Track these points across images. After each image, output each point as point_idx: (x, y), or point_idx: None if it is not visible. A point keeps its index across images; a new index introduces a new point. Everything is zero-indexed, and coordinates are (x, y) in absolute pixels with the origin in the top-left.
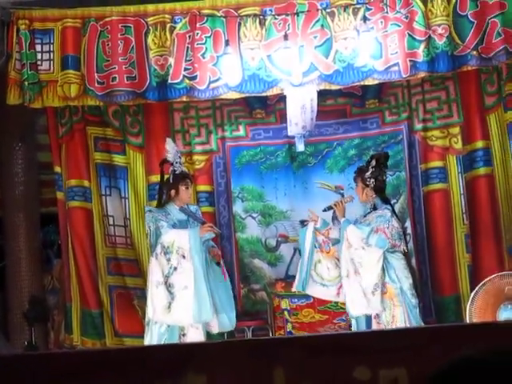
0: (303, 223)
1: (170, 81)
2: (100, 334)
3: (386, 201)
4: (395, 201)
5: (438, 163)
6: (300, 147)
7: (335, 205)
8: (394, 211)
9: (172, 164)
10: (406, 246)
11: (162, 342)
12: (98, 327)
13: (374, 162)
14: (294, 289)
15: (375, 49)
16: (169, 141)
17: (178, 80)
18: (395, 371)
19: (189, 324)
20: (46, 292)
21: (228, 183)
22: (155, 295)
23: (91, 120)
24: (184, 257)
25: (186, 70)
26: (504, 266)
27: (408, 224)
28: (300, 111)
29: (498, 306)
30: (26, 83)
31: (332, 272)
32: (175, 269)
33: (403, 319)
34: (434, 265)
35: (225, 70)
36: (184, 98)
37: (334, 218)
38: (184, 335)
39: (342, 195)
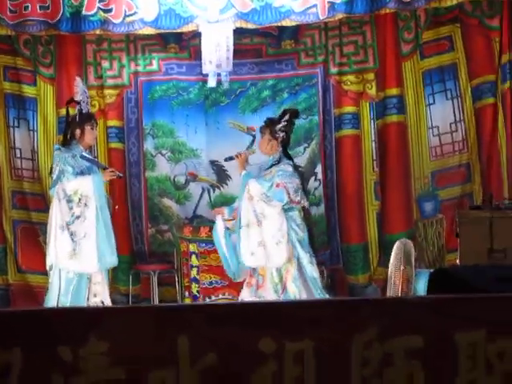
0: (213, 163)
1: (83, 12)
2: (2, 269)
3: (288, 156)
4: (306, 145)
5: (351, 108)
6: (212, 83)
7: (236, 156)
8: (295, 167)
9: (79, 103)
10: (307, 202)
11: (71, 288)
12: (1, 263)
13: (287, 116)
14: (234, 280)
15: None
16: (77, 79)
17: (93, 12)
18: (301, 344)
19: (94, 271)
20: None
21: (139, 119)
22: (58, 240)
23: (1, 48)
24: (86, 205)
25: (100, 1)
26: (412, 216)
27: (319, 169)
28: (215, 49)
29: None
30: None
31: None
32: (77, 217)
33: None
34: (342, 212)
35: (141, 4)
36: (98, 31)
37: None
38: (90, 280)
39: (254, 136)
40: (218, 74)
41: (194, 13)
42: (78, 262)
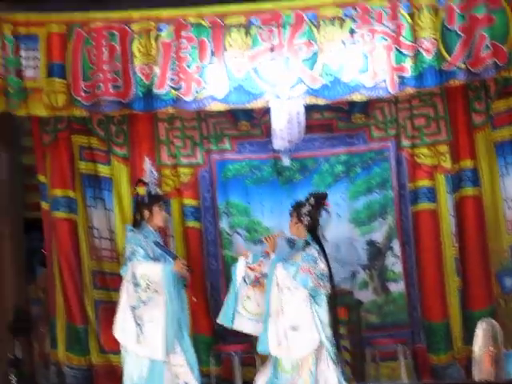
0: (291, 241)
1: (155, 90)
2: (85, 349)
3: (317, 240)
4: (382, 220)
5: (426, 182)
6: (286, 161)
7: (265, 239)
8: (323, 251)
9: (147, 184)
10: (332, 288)
11: (145, 371)
12: (83, 343)
13: (312, 200)
14: (218, 320)
15: (362, 63)
16: (146, 160)
17: (164, 90)
18: None
19: (159, 358)
20: (31, 302)
21: (214, 198)
22: (124, 322)
23: (76, 128)
24: (157, 291)
25: (171, 80)
26: (492, 291)
27: (395, 244)
28: (286, 125)
29: None
30: (11, 90)
31: (261, 307)
32: (144, 302)
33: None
34: (423, 288)
35: (210, 81)
36: (170, 109)
37: (265, 255)
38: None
39: (329, 213)
40: (290, 150)
41: (263, 89)
42: (142, 347)
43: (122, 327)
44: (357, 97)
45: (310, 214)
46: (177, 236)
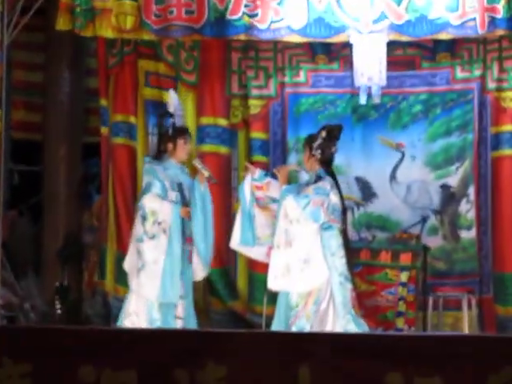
0: (359, 180)
1: (228, 16)
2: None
3: (330, 173)
4: (459, 164)
5: (510, 127)
6: (363, 99)
7: (278, 170)
8: (337, 185)
9: (172, 115)
10: (345, 224)
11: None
12: None
13: (324, 133)
14: (232, 245)
15: (451, 0)
16: (171, 91)
17: (238, 16)
18: (430, 381)
19: (153, 301)
20: (84, 230)
21: (284, 132)
22: (131, 255)
23: (144, 53)
24: (165, 231)
25: (246, 6)
26: None
27: (471, 191)
28: (367, 61)
29: None
30: (78, 9)
31: (265, 230)
32: (150, 238)
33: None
34: (496, 237)
35: (289, 11)
36: (242, 37)
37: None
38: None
39: (403, 153)
40: (369, 88)
41: (345, 23)
42: (139, 285)
43: (129, 260)
44: (443, 35)
45: (322, 147)
46: (241, 169)
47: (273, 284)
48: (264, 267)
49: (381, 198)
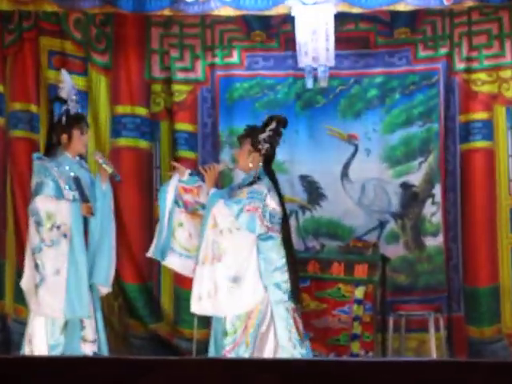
0: (304, 179)
1: None
2: None
3: (270, 174)
4: (423, 159)
5: (482, 115)
6: (308, 83)
7: (205, 170)
8: (276, 187)
9: (66, 102)
10: (287, 232)
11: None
12: None
13: (273, 124)
14: (149, 254)
15: None
16: (63, 72)
17: None
18: None
19: (57, 320)
20: None
21: (215, 123)
22: (28, 268)
23: (46, 29)
24: (65, 236)
25: None
26: None
27: (437, 190)
28: (311, 38)
29: None
30: None
31: (194, 240)
32: (49, 246)
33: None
34: (467, 245)
35: None
36: (166, 12)
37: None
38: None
39: (356, 146)
40: (314, 69)
41: None
42: (39, 303)
43: (26, 276)
44: (401, 6)
45: (270, 140)
46: (164, 168)
47: (196, 307)
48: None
49: (330, 199)
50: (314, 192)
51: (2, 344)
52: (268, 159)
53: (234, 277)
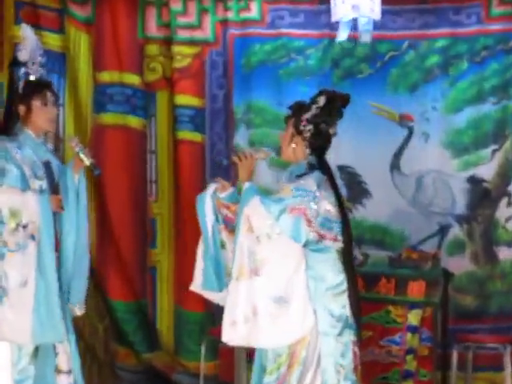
0: (343, 170)
1: None
2: None
3: (322, 165)
4: (496, 147)
5: None
6: (341, 35)
7: (239, 158)
8: (332, 183)
9: (25, 65)
10: (349, 241)
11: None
12: None
13: (321, 101)
14: (195, 289)
15: None
16: (24, 26)
17: None
18: None
19: (25, 343)
20: None
21: (228, 96)
22: None
23: None
24: (33, 238)
25: None
26: None
27: None
28: None
29: None
30: None
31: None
32: (13, 252)
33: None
34: None
35: None
36: None
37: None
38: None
39: (411, 130)
40: (355, 27)
41: None
42: (1, 322)
43: None
44: None
45: (316, 120)
46: (161, 153)
47: (229, 335)
48: (198, 302)
49: (377, 197)
50: (355, 187)
51: None
52: (319, 147)
53: (277, 297)
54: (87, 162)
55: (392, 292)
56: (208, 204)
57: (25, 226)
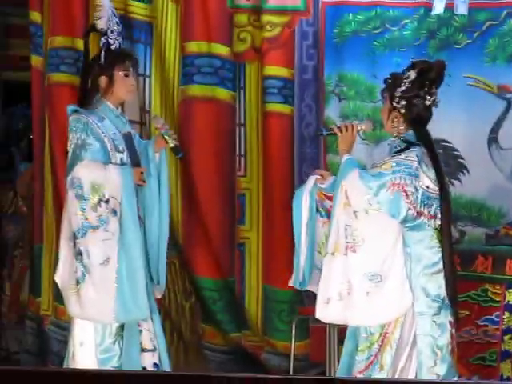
0: (438, 144)
1: None
2: None
3: (422, 139)
4: None
5: None
6: (437, 7)
7: (340, 129)
8: (433, 158)
9: (105, 34)
10: (447, 219)
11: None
12: None
13: (412, 74)
14: (290, 283)
15: None
16: None
17: None
18: None
19: (109, 322)
20: (3, 219)
21: (319, 67)
22: (64, 259)
23: None
24: (115, 213)
25: None
26: None
27: None
28: None
29: None
30: None
31: None
32: (95, 228)
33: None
34: None
35: None
36: None
37: None
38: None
39: (510, 102)
40: None
41: None
42: (81, 303)
43: (62, 270)
44: None
45: (409, 94)
46: (250, 126)
47: (323, 312)
48: (287, 280)
49: (474, 172)
50: (451, 162)
51: (38, 354)
52: (417, 120)
53: (373, 274)
54: (171, 143)
55: (489, 270)
56: (305, 202)
57: (107, 201)
